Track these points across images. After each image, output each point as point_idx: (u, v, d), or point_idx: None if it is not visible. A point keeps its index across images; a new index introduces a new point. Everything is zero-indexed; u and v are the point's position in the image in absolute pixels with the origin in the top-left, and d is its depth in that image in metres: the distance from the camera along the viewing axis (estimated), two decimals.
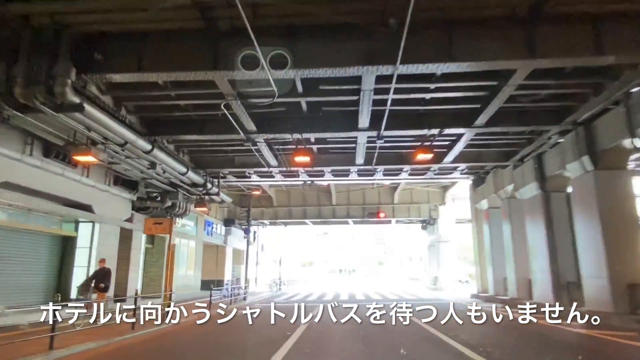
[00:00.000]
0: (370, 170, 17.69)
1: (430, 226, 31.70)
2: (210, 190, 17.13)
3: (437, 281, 32.60)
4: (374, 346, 8.06)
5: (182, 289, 22.15)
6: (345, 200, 30.55)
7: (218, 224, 29.37)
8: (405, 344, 7.84)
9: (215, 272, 30.38)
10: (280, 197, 30.95)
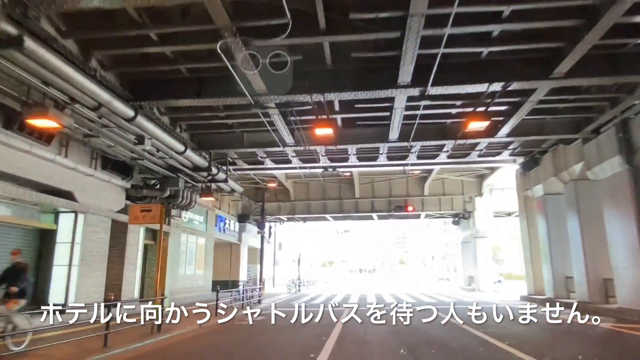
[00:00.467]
0: (404, 149, 14.95)
1: (464, 220, 28.65)
2: (216, 175, 14.65)
3: (472, 281, 29.55)
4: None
5: (191, 290, 19.81)
6: (370, 193, 27.79)
7: (231, 220, 26.99)
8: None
9: (228, 272, 28.04)
10: (298, 190, 28.39)
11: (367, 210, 28.62)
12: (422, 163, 18.23)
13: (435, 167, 22.77)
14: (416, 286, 37.00)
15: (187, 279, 19.76)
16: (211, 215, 22.87)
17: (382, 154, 15.87)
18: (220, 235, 25.01)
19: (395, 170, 24.61)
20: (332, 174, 23.49)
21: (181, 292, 18.72)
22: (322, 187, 27.99)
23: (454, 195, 27.08)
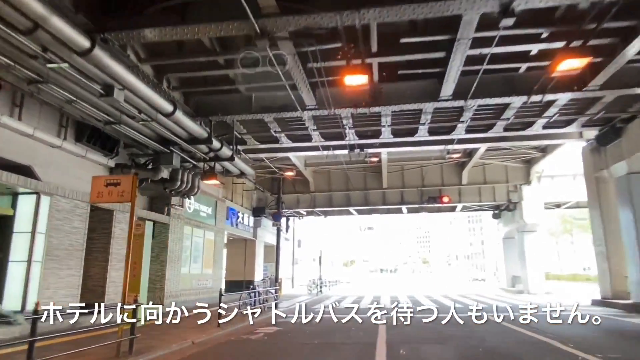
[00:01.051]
0: (454, 115, 11.90)
1: (507, 213, 25.22)
2: (220, 151, 11.85)
3: (516, 282, 26.11)
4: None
5: (197, 291, 17.13)
6: (399, 182, 24.68)
7: (245, 214, 24.27)
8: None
9: (242, 271, 25.35)
10: (318, 180, 25.49)
11: (396, 202, 25.52)
12: (470, 139, 15.07)
13: (480, 149, 19.58)
14: (449, 287, 33.64)
15: (193, 279, 17.07)
16: (221, 207, 20.16)
17: (423, 125, 12.83)
18: (232, 230, 22.32)
19: (430, 153, 21.50)
20: (357, 158, 20.56)
21: (184, 293, 16.04)
22: (345, 176, 25.02)
23: (497, 184, 23.73)
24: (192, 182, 13.85)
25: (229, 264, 26.28)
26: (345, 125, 12.44)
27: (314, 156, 22.34)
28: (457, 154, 20.25)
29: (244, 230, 24.03)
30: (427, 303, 16.54)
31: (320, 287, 25.67)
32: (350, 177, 24.58)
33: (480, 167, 23.52)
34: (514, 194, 23.86)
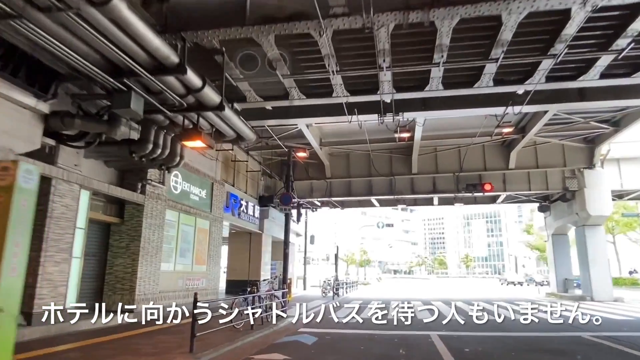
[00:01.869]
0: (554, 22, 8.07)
1: (561, 204, 21.20)
2: (201, 94, 8.17)
3: (569, 285, 22.06)
4: None
5: (184, 293, 13.56)
6: (431, 166, 20.82)
7: (250, 203, 20.69)
8: None
9: (246, 269, 21.77)
10: (336, 164, 21.78)
11: (427, 190, 21.68)
12: (546, 96, 11.20)
13: (541, 120, 15.63)
14: (485, 291, 29.60)
15: (179, 278, 13.50)
16: (219, 192, 16.57)
17: (493, 62, 9.01)
18: (233, 220, 18.73)
19: (473, 128, 17.60)
20: (386, 130, 16.79)
21: (167, 296, 12.47)
22: (367, 159, 21.24)
23: (551, 169, 19.71)
24: (173, 147, 10.27)
25: (231, 261, 22.72)
26: (381, 56, 8.62)
27: (332, 130, 18.64)
28: (508, 127, 16.29)
29: (248, 221, 20.43)
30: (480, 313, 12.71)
31: (337, 289, 21.95)
32: (373, 160, 20.81)
33: (531, 148, 19.53)
34: (572, 180, 19.82)
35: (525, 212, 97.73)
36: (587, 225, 18.80)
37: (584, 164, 19.01)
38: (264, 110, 12.78)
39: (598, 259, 18.41)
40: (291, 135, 18.77)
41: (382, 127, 18.23)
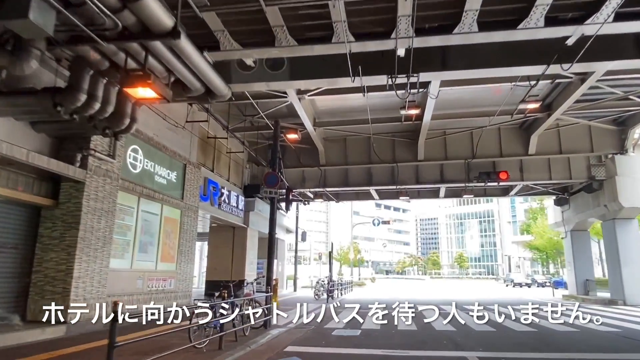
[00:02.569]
0: None
1: (584, 196, 18.86)
2: (139, 3, 5.54)
3: (590, 287, 19.75)
4: None
5: (148, 297, 10.93)
6: (440, 152, 18.38)
7: (233, 192, 18.08)
8: None
9: (228, 268, 19.14)
10: (331, 149, 19.25)
11: (433, 179, 19.22)
12: (612, 39, 8.76)
13: (572, 96, 13.27)
14: (492, 294, 27.27)
15: (136, 278, 10.86)
16: (193, 176, 13.95)
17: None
18: (213, 211, 16.12)
19: (490, 106, 15.22)
20: (397, 96, 14.36)
21: (120, 300, 9.78)
22: (367, 144, 18.74)
23: (574, 154, 17.36)
24: (119, 104, 7.67)
25: (212, 259, 20.08)
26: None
27: (328, 107, 16.09)
28: (533, 102, 13.88)
29: (231, 213, 17.80)
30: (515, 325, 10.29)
31: (331, 290, 19.42)
32: (374, 144, 18.30)
33: (553, 131, 17.17)
34: (599, 168, 17.51)
35: (519, 213, 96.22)
36: (618, 219, 16.46)
37: (614, 148, 16.69)
38: (244, 69, 10.22)
39: (631, 257, 16.08)
40: (280, 112, 16.23)
41: (386, 103, 15.78)
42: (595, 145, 16.75)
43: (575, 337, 9.01)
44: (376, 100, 15.40)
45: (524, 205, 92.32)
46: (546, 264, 63.52)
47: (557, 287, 36.03)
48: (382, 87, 13.55)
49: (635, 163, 16.28)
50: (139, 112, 8.50)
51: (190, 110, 13.38)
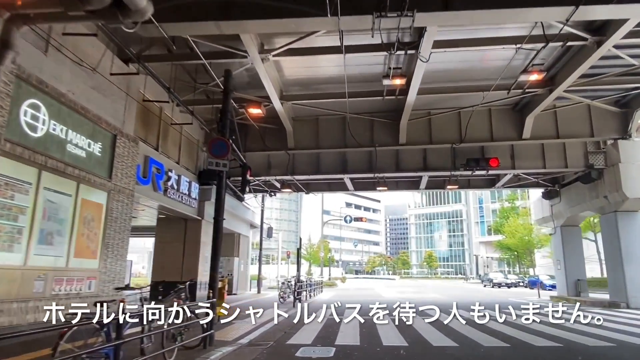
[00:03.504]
0: None
1: (578, 187, 17.17)
2: None
3: (582, 288, 18.13)
4: None
5: (57, 301, 8.05)
6: (423, 135, 16.24)
7: (184, 177, 15.32)
8: None
9: (179, 267, 16.36)
10: (301, 130, 16.78)
11: (416, 166, 17.08)
12: None
13: (580, 67, 11.38)
14: (473, 294, 25.51)
15: (33, 278, 8.03)
16: (128, 151, 11.15)
17: None
18: (156, 197, 13.35)
19: (485, 80, 13.18)
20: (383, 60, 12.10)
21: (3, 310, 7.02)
22: (342, 124, 16.38)
23: (572, 139, 15.58)
24: None
25: (158, 257, 17.23)
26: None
27: (297, 75, 13.55)
28: (536, 73, 11.86)
29: (181, 202, 15.04)
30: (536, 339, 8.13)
31: (299, 292, 16.94)
32: (350, 124, 15.95)
33: (549, 114, 15.35)
34: (597, 156, 15.83)
35: (487, 214, 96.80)
36: (621, 212, 14.76)
37: (616, 133, 15.00)
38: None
39: (635, 254, 14.41)
40: (240, 81, 13.69)
41: (366, 74, 13.42)
42: (595, 129, 15.01)
43: (614, 355, 6.90)
44: (355, 70, 13.07)
45: (493, 206, 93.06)
46: (515, 263, 63.23)
47: (532, 287, 35.04)
48: (363, 47, 11.36)
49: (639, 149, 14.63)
50: (17, 39, 5.78)
51: (114, 61, 10.58)
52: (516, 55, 12.07)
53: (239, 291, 21.60)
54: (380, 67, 12.97)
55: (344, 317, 5.81)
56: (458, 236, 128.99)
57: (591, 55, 10.73)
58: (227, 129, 7.96)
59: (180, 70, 13.17)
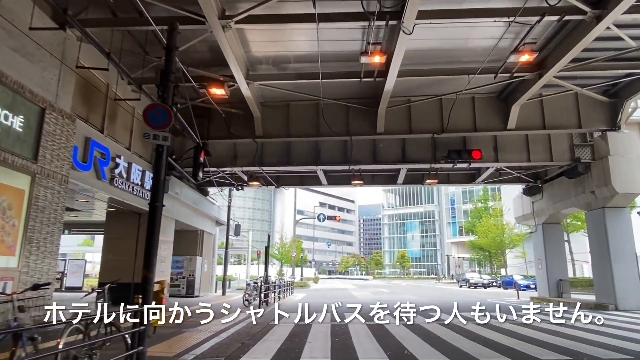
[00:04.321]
0: None
1: (562, 183, 16.37)
2: None
3: (564, 288, 17.38)
4: None
5: None
6: (402, 124, 15.06)
7: (137, 165, 13.62)
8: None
9: (130, 267, 14.55)
10: (270, 117, 15.30)
11: (394, 158, 15.87)
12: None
13: (572, 50, 10.42)
14: (453, 295, 24.60)
15: None
16: (60, 129, 9.42)
17: None
18: (99, 186, 11.60)
19: (471, 62, 12.10)
20: None
21: None
22: (315, 111, 15.01)
23: (559, 130, 14.71)
24: None
25: (107, 255, 15.35)
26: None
27: (266, 50, 12.03)
28: (528, 52, 10.83)
29: (132, 193, 13.31)
30: None
31: (266, 294, 15.47)
32: (324, 111, 14.60)
33: (536, 102, 14.44)
34: (584, 149, 15.04)
35: (459, 214, 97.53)
36: (609, 208, 13.94)
37: (604, 124, 14.20)
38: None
39: (624, 252, 13.62)
40: (200, 57, 12.13)
41: (341, 51, 12.11)
42: (583, 120, 14.17)
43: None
44: (330, 47, 11.75)
45: (464, 207, 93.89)
46: (487, 263, 63.44)
47: (506, 287, 34.60)
48: (340, 17, 9.99)
49: (631, 142, 13.90)
50: None
51: (46, 24, 8.87)
52: (505, 34, 11.05)
53: (201, 293, 19.88)
54: (357, 44, 11.67)
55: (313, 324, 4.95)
56: (430, 236, 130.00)
57: (589, 32, 9.73)
58: (171, 94, 6.44)
59: (130, 41, 11.46)
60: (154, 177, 6.37)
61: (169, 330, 7.87)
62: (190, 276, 19.38)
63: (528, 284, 30.74)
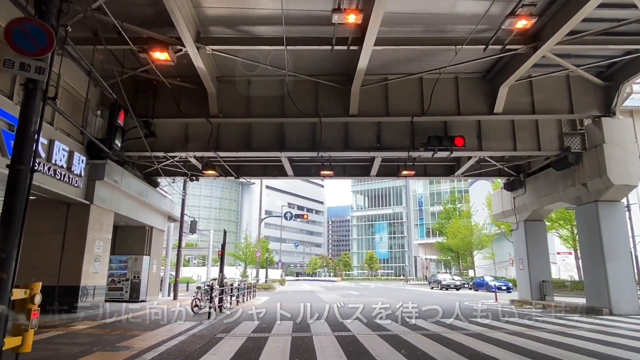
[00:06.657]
0: None
1: (549, 175, 15.10)
2: None
3: (547, 290, 16.13)
4: None
5: None
6: (379, 106, 13.32)
7: (63, 146, 11.25)
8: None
9: (56, 267, 12.19)
10: (228, 94, 13.23)
11: (368, 144, 14.11)
12: None
13: (567, 24, 9.01)
14: (427, 298, 23.14)
15: None
16: None
17: None
18: (4, 165, 9.16)
19: (460, 31, 10.53)
20: None
21: None
22: (280, 87, 13.06)
23: (548, 116, 13.38)
24: None
25: (26, 253, 12.81)
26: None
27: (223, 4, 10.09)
28: (525, 17, 9.33)
29: (54, 178, 10.93)
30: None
31: (220, 299, 13.38)
32: (289, 89, 12.67)
33: (524, 84, 13.05)
34: (574, 138, 13.79)
35: (427, 216, 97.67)
36: (602, 202, 12.67)
37: (598, 109, 12.95)
38: None
39: (618, 250, 12.37)
40: (142, 12, 9.99)
41: (310, 12, 10.28)
42: (575, 105, 12.88)
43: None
44: (297, 5, 9.86)
45: (432, 209, 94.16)
46: (454, 264, 63.17)
47: (477, 289, 33.70)
48: None
49: (627, 129, 12.69)
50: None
51: None
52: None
53: (148, 297, 17.48)
54: (330, 3, 9.82)
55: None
56: (398, 238, 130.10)
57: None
58: (56, 9, 4.35)
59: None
60: (19, 128, 4.25)
61: (50, 354, 5.76)
62: (136, 278, 16.96)
63: (499, 285, 29.85)
